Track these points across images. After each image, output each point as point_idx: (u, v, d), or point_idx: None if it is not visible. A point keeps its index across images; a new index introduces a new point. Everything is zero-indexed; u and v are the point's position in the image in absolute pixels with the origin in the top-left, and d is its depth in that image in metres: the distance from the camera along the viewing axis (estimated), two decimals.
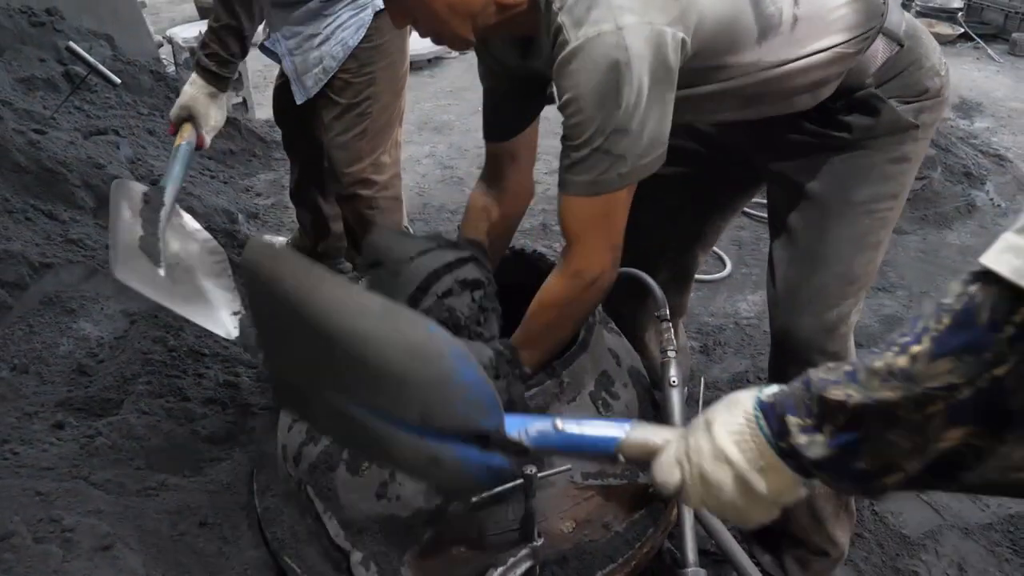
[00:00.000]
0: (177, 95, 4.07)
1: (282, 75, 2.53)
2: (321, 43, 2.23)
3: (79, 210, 2.75)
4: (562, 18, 1.18)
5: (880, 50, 1.43)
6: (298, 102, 2.31)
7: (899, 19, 1.46)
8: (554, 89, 1.27)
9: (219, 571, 1.52)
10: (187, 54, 4.55)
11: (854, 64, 1.42)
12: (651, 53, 1.16)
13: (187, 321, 1.97)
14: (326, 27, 2.22)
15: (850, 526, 1.76)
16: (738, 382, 2.40)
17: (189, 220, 2.21)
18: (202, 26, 4.77)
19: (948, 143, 3.85)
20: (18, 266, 2.23)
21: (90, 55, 3.73)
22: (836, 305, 1.55)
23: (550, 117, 1.39)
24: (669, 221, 1.82)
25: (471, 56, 1.56)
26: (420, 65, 5.55)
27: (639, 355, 1.80)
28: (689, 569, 1.38)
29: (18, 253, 2.26)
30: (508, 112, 1.56)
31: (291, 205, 3.24)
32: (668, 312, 1.60)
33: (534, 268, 1.75)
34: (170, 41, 4.60)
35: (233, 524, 1.62)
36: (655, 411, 1.61)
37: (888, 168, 1.50)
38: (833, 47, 1.38)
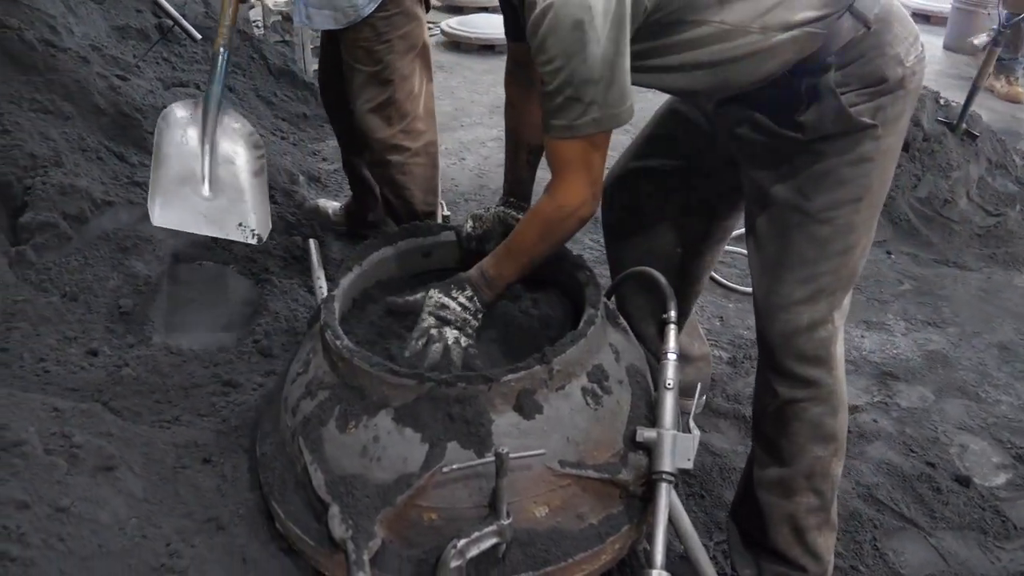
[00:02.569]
0: (263, 57, 4.25)
1: (324, 46, 2.67)
2: None
3: (148, 155, 2.89)
4: None
5: (844, 29, 1.39)
6: (295, 23, 2.41)
7: (872, 1, 1.41)
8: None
9: (213, 506, 1.59)
10: (276, 17, 4.71)
11: (819, 43, 1.39)
12: (614, 5, 1.27)
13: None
14: None
15: (833, 541, 1.72)
16: None
17: (234, 118, 2.49)
18: None
19: None
20: (81, 201, 2.37)
21: (183, 11, 3.92)
22: (805, 311, 1.55)
23: None
24: (676, 220, 1.87)
25: None
26: (503, 50, 5.57)
27: (652, 357, 1.81)
28: (655, 571, 1.39)
29: (83, 189, 2.40)
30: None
31: None
32: (675, 315, 1.60)
33: None
34: (261, 3, 4.76)
35: (234, 464, 1.70)
36: (648, 412, 1.61)
37: (845, 171, 1.48)
38: (802, 25, 1.37)
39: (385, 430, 1.43)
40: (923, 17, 6.67)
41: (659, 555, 1.40)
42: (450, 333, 1.56)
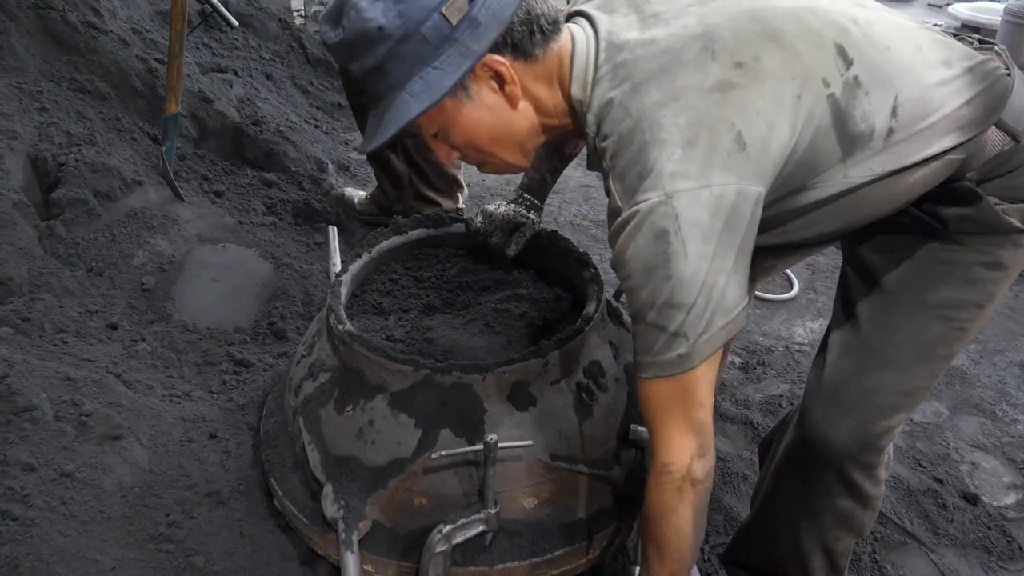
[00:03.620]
0: (302, 46, 4.31)
1: None
2: None
3: (182, 138, 2.97)
4: (614, 184, 1.14)
5: (989, 144, 1.24)
6: None
7: (1022, 107, 1.25)
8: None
9: (215, 481, 1.64)
10: (318, 7, 4.77)
11: (956, 167, 1.25)
12: (710, 217, 1.07)
13: None
14: None
15: None
16: (770, 404, 2.35)
17: None
18: None
19: None
20: (112, 179, 2.44)
21: None
22: (885, 416, 1.36)
23: None
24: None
25: None
26: None
27: None
28: (637, 568, 1.39)
29: (114, 168, 2.47)
30: None
31: None
32: None
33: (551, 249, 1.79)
34: None
35: (239, 441, 1.75)
36: None
37: (977, 272, 1.31)
38: (941, 154, 1.21)
39: (380, 414, 1.45)
40: (973, 29, 6.52)
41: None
42: None
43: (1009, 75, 1.26)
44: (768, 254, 1.57)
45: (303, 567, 1.53)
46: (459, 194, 3.00)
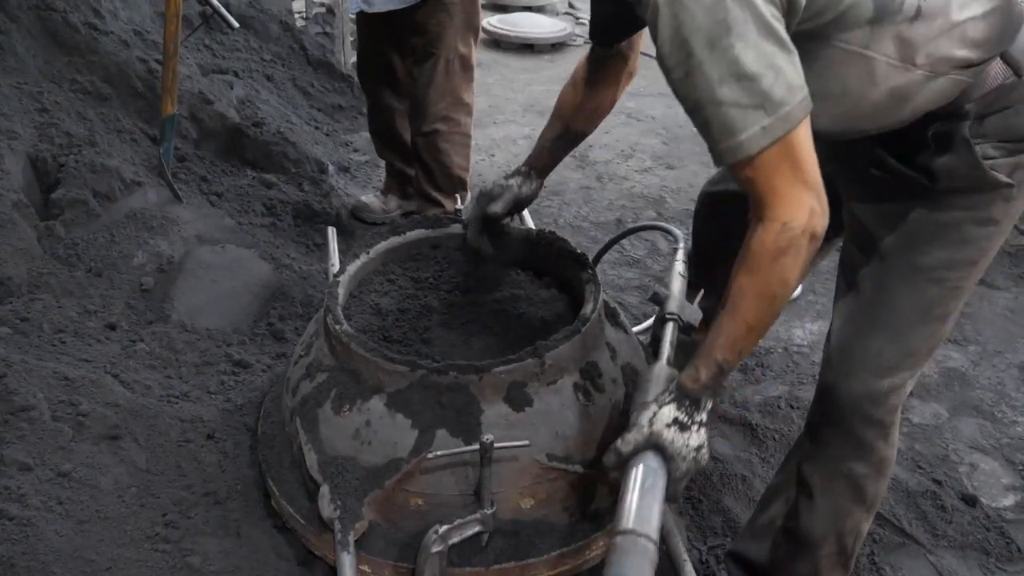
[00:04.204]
0: (303, 48, 4.31)
1: (365, 33, 2.80)
2: None
3: (182, 140, 2.97)
4: None
5: (991, 74, 1.24)
6: (351, 11, 2.65)
7: None
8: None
9: (213, 481, 1.64)
10: (319, 9, 4.78)
11: (960, 90, 1.25)
12: None
13: None
14: None
15: None
16: (768, 407, 2.35)
17: None
18: None
19: None
20: (111, 179, 2.45)
21: (227, 0, 4.00)
22: (889, 374, 1.42)
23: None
24: None
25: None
26: (542, 49, 5.60)
27: None
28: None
29: (114, 168, 2.48)
30: (613, 24, 1.53)
31: (381, 163, 3.39)
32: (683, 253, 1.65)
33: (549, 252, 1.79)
34: None
35: (236, 442, 1.75)
36: None
37: (970, 230, 1.33)
38: (949, 73, 1.21)
39: (377, 414, 1.45)
40: None
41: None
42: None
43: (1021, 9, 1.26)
44: None
45: (300, 568, 1.53)
46: (464, 195, 3.02)
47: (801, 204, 1.13)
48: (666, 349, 1.44)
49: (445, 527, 1.36)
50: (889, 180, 1.36)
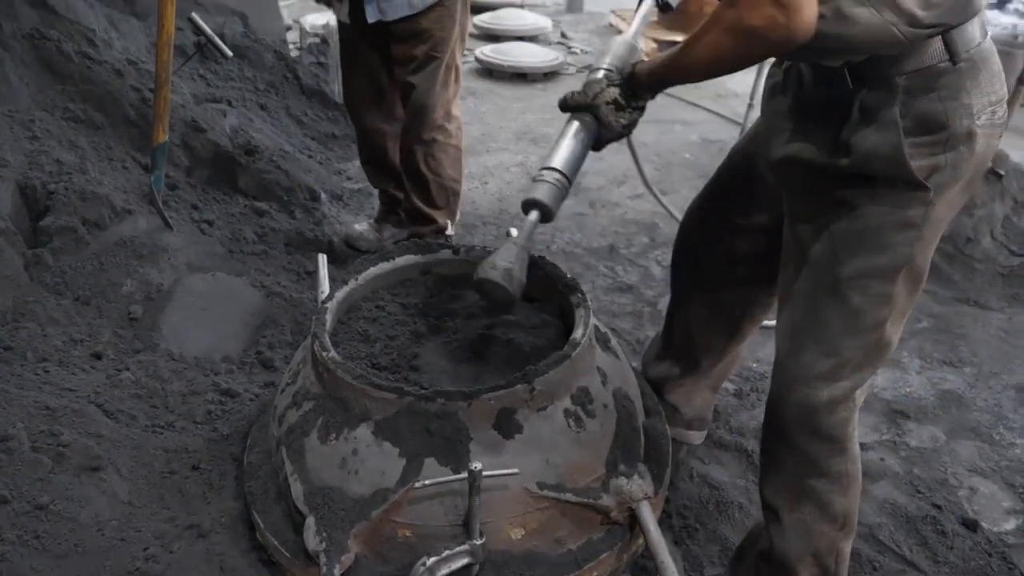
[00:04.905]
0: (297, 77, 4.33)
1: (355, 51, 2.79)
2: None
3: (174, 168, 2.97)
4: None
5: (927, 52, 1.25)
6: (369, 20, 2.57)
7: (974, 36, 1.26)
8: None
9: (197, 513, 1.61)
10: (313, 39, 4.81)
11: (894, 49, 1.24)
12: None
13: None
14: None
15: None
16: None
17: None
18: (330, 16, 5.03)
19: None
20: (101, 207, 2.43)
21: (222, 30, 4.03)
22: (825, 385, 1.43)
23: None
24: (741, 286, 1.83)
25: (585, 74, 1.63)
26: (535, 78, 5.62)
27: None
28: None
29: (104, 196, 2.46)
30: None
31: (374, 192, 3.39)
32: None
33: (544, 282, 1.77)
34: (299, 25, 4.87)
35: (222, 472, 1.71)
36: (635, 438, 1.58)
37: (888, 234, 1.34)
38: (890, 20, 1.20)
39: (364, 443, 1.43)
40: None
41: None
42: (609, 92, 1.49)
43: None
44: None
45: None
46: (456, 209, 3.01)
47: (764, 14, 1.16)
48: (636, 23, 1.64)
49: (433, 559, 1.33)
50: (819, 186, 1.39)
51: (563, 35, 6.58)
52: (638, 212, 3.68)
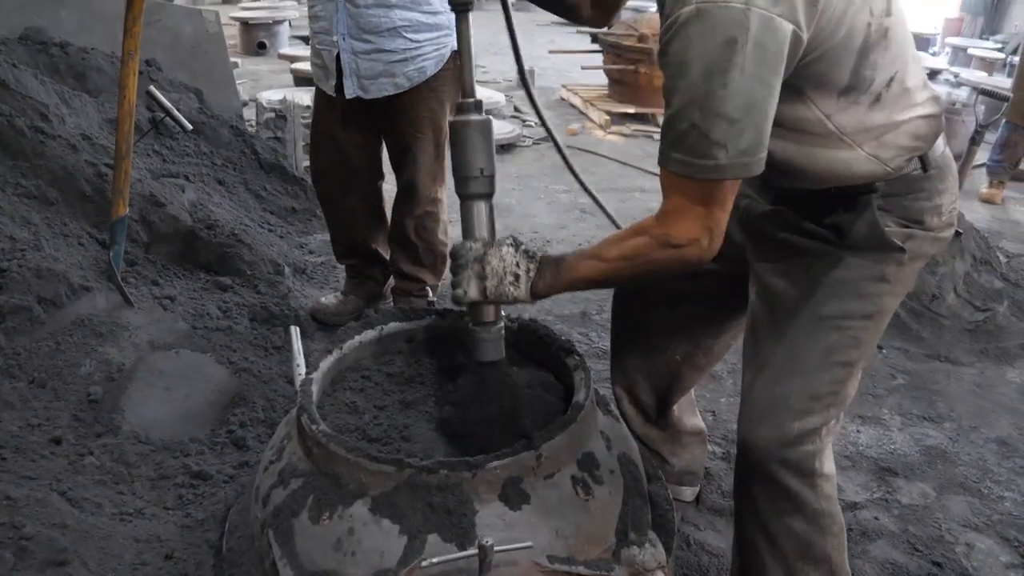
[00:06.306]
0: (254, 152, 4.29)
1: (325, 132, 2.75)
2: (397, 61, 2.52)
3: (132, 243, 2.86)
4: None
5: (906, 167, 1.42)
6: (347, 95, 2.56)
7: (941, 146, 1.46)
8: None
9: None
10: (269, 114, 4.79)
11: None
12: (775, 45, 1.13)
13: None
14: (405, 49, 2.51)
15: None
16: None
17: None
18: (288, 92, 5.04)
19: (1019, 278, 3.69)
20: (57, 285, 2.32)
21: (178, 104, 3.98)
22: (798, 418, 1.48)
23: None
24: (682, 330, 1.86)
25: (544, 146, 1.63)
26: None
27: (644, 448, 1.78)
28: None
29: (60, 273, 2.35)
30: None
31: (339, 265, 3.33)
32: None
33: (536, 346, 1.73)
34: (255, 102, 4.86)
35: (198, 562, 1.59)
36: (643, 504, 1.52)
37: (865, 286, 1.46)
38: (887, 161, 1.38)
39: (361, 521, 1.33)
40: None
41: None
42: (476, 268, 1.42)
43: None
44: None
45: None
46: (442, 269, 2.99)
47: (693, 235, 1.26)
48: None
49: None
50: (799, 241, 1.50)
51: (516, 109, 6.71)
52: None
